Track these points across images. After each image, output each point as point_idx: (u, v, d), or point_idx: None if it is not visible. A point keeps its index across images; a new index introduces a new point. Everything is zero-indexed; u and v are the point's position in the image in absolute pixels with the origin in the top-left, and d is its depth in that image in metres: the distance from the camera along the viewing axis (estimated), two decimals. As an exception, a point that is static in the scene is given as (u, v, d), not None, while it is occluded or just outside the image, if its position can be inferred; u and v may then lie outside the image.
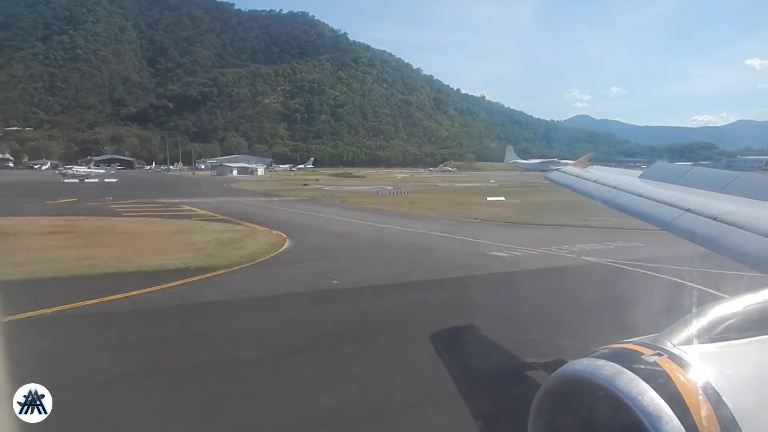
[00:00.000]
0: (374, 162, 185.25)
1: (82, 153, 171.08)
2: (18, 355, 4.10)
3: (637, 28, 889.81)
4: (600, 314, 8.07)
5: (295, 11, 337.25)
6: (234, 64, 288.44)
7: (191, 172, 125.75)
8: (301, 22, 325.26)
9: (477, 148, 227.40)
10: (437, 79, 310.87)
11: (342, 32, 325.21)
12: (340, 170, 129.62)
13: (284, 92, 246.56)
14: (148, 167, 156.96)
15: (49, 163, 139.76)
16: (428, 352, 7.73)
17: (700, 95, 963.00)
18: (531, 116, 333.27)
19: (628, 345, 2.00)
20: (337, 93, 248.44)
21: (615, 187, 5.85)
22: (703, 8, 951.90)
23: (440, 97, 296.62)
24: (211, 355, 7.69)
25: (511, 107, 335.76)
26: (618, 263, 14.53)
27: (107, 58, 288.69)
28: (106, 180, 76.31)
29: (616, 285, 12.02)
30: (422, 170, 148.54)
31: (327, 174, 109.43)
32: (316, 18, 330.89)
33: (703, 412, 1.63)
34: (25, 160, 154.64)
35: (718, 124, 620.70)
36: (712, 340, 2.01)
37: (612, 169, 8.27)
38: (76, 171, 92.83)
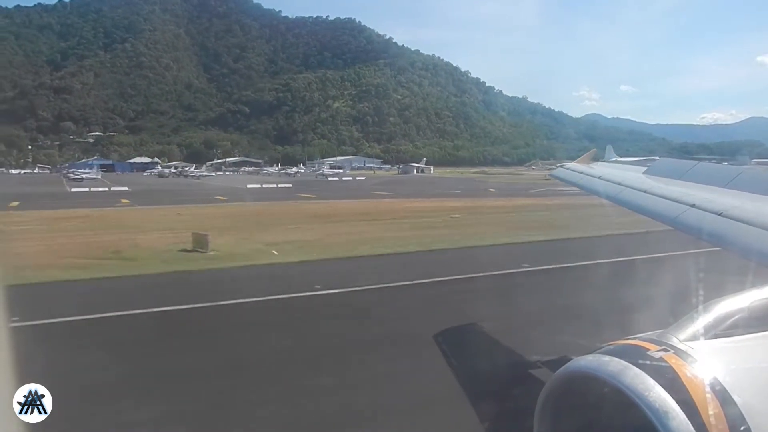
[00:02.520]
0: (457, 162, 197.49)
1: (192, 157, 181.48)
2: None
3: (645, 25, 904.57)
4: None
5: (342, 17, 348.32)
6: (291, 70, 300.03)
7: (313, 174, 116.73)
8: (350, 27, 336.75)
9: (538, 148, 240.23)
10: (483, 81, 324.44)
11: (387, 36, 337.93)
12: (476, 169, 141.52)
13: (351, 96, 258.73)
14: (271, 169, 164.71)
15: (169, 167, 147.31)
16: None
17: (709, 93, 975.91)
18: (571, 116, 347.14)
19: (634, 341, 1.99)
20: (399, 96, 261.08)
21: (619, 183, 5.90)
22: (712, 5, 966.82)
23: (487, 98, 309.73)
24: None
25: (551, 107, 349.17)
26: None
27: (169, 65, 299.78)
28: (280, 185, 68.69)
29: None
30: (524, 169, 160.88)
31: (472, 173, 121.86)
32: (362, 23, 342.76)
33: (710, 407, 1.62)
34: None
35: (728, 122, 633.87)
36: (718, 336, 2.01)
37: (616, 165, 8.16)
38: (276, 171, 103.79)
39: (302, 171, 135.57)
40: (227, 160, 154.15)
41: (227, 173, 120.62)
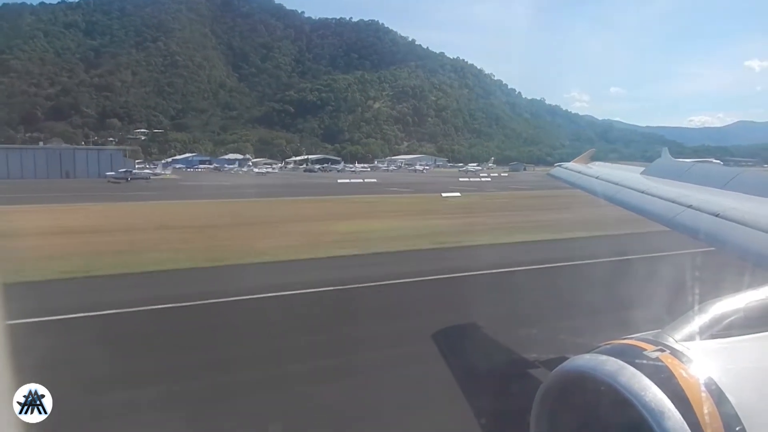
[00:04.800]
0: (506, 161, 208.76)
1: (260, 154, 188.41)
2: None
3: (636, 29, 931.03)
4: None
5: (365, 19, 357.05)
6: (319, 71, 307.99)
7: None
8: (374, 29, 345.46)
9: (570, 149, 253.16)
10: (505, 83, 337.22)
11: (410, 39, 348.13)
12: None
13: (389, 97, 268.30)
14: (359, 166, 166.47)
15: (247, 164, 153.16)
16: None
17: (697, 96, 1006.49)
18: (588, 116, 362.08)
19: (631, 341, 2.01)
20: (434, 98, 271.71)
21: (617, 183, 5.94)
22: (701, 10, 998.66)
23: (510, 100, 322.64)
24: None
25: (569, 110, 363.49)
26: None
27: (202, 64, 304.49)
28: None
29: None
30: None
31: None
32: (386, 25, 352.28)
33: (705, 407, 1.64)
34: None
35: (717, 125, 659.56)
36: (714, 336, 2.03)
37: (613, 165, 8.42)
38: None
39: (392, 168, 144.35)
40: (309, 157, 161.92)
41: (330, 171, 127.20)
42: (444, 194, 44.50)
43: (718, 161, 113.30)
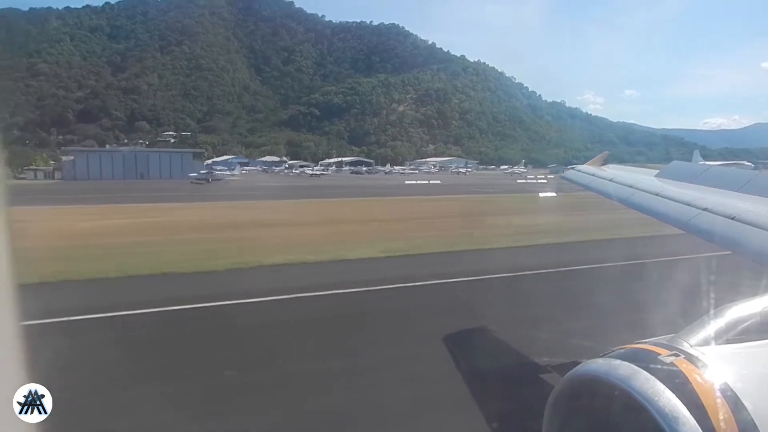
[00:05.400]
0: (534, 163, 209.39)
1: (292, 156, 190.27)
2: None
3: (649, 31, 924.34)
4: None
5: (386, 23, 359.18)
6: (341, 74, 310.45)
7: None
8: (395, 33, 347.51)
9: (595, 151, 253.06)
10: (525, 86, 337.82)
11: (430, 42, 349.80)
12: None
13: (413, 100, 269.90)
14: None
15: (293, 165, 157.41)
16: None
17: (712, 98, 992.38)
18: (604, 118, 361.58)
19: (645, 345, 1.98)
20: (457, 100, 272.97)
21: (631, 186, 5.90)
22: (716, 11, 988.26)
23: (532, 102, 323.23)
24: None
25: (589, 112, 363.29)
26: None
27: (226, 67, 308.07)
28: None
29: None
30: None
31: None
32: (406, 29, 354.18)
33: (721, 414, 1.60)
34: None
35: (733, 127, 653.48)
36: (729, 342, 1.99)
37: (627, 167, 8.34)
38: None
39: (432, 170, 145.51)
40: (342, 160, 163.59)
41: (376, 172, 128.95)
42: (541, 194, 45.69)
43: (750, 164, 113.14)
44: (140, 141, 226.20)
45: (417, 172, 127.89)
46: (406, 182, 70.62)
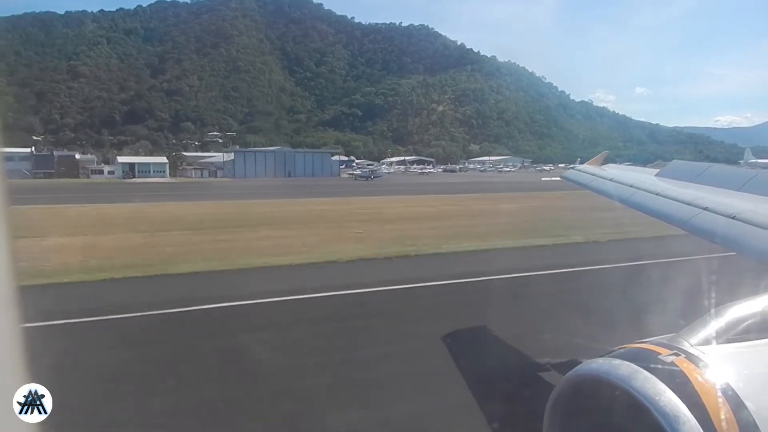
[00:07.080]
0: (584, 162, 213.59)
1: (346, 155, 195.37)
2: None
3: (660, 28, 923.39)
4: None
5: (415, 24, 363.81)
6: (373, 75, 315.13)
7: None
8: (425, 34, 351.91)
9: (624, 149, 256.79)
10: (555, 85, 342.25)
11: (459, 42, 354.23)
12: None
13: (451, 100, 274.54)
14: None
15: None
16: None
17: (723, 96, 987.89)
18: (632, 118, 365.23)
19: (645, 345, 1.97)
20: (494, 101, 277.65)
21: (631, 186, 5.88)
22: (727, 9, 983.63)
23: (562, 102, 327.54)
24: None
25: (616, 111, 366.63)
26: None
27: (262, 69, 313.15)
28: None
29: None
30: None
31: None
32: (435, 30, 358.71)
33: (722, 413, 1.60)
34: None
35: (745, 125, 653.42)
36: (730, 341, 1.98)
37: (626, 167, 8.31)
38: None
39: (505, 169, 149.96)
40: (406, 158, 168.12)
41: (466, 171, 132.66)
42: None
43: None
44: (189, 141, 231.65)
45: (513, 168, 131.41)
46: (542, 179, 74.07)
